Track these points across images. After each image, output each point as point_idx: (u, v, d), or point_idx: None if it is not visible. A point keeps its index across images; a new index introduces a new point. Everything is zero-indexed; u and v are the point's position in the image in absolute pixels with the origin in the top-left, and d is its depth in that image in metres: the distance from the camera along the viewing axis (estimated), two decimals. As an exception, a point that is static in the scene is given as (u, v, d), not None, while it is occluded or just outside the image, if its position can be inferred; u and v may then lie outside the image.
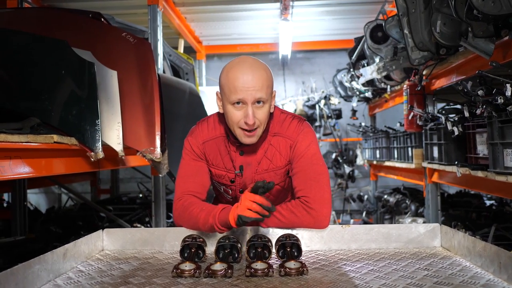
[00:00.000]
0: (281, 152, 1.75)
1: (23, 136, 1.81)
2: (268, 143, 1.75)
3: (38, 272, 1.26)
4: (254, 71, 1.60)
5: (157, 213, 3.80)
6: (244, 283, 1.27)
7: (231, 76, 1.60)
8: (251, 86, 1.58)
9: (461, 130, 2.82)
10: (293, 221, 1.64)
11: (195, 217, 1.62)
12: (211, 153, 1.78)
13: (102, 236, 1.72)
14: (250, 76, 1.58)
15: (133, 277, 1.34)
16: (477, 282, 1.21)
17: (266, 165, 1.76)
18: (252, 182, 1.74)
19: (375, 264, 1.44)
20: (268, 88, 1.63)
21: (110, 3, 4.87)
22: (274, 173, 1.77)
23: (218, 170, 1.80)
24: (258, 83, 1.59)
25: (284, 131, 1.76)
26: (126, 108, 2.63)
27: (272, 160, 1.76)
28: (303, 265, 1.35)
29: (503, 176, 2.32)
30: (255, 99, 1.59)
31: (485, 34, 2.37)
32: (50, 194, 7.57)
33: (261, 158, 1.76)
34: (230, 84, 1.60)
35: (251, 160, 1.76)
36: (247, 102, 1.59)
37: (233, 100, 1.60)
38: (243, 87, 1.57)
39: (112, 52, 2.72)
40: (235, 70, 1.61)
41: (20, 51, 2.42)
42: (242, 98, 1.58)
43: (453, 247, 1.55)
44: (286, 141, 1.75)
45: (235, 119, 1.62)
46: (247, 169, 1.76)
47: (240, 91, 1.58)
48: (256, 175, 1.77)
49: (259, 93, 1.59)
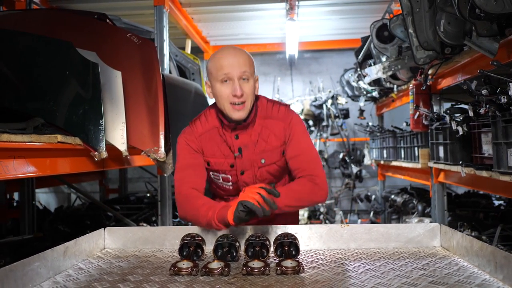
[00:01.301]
0: (275, 133, 1.88)
1: (27, 136, 1.84)
2: (261, 126, 1.88)
3: (38, 269, 1.28)
4: (236, 52, 1.82)
5: (163, 212, 3.82)
6: (240, 281, 1.28)
7: (217, 58, 1.81)
8: (235, 62, 1.77)
9: (465, 129, 2.80)
10: (302, 193, 1.78)
11: (197, 209, 1.70)
12: (208, 144, 1.89)
13: (104, 234, 1.74)
14: (233, 55, 1.80)
15: (132, 274, 1.36)
16: (472, 282, 1.21)
17: (263, 146, 1.88)
18: (252, 162, 1.86)
19: (372, 264, 1.44)
20: (250, 67, 1.81)
21: (117, 4, 4.91)
22: (271, 153, 1.88)
23: (216, 158, 1.89)
24: (241, 60, 1.78)
25: (276, 115, 1.90)
26: (131, 108, 2.66)
27: (268, 141, 1.88)
28: (300, 264, 1.36)
29: (507, 176, 2.30)
30: (241, 74, 1.77)
31: (489, 33, 2.35)
32: (59, 193, 7.66)
33: (257, 139, 1.87)
34: (217, 64, 1.79)
35: (247, 142, 1.87)
36: (233, 77, 1.77)
37: (220, 77, 1.77)
38: (228, 64, 1.77)
39: (117, 53, 2.74)
40: (220, 53, 1.83)
41: (26, 52, 2.45)
42: (228, 73, 1.76)
43: (452, 247, 1.55)
44: (279, 123, 1.88)
45: (224, 95, 1.78)
46: (245, 151, 1.87)
47: (226, 67, 1.76)
48: (255, 155, 1.87)
49: (243, 67, 1.78)
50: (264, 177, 1.90)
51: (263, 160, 1.87)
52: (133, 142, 2.65)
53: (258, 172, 1.89)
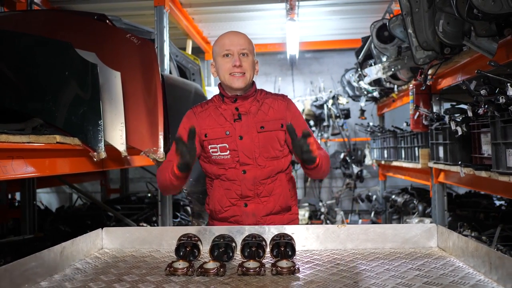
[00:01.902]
0: (274, 108, 2.05)
1: (25, 136, 1.85)
2: (261, 102, 2.06)
3: (34, 269, 1.29)
4: (238, 33, 2.05)
5: (163, 212, 3.83)
6: (235, 282, 1.28)
7: (220, 37, 2.04)
8: (236, 41, 2.00)
9: (465, 130, 2.80)
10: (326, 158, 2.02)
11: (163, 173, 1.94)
12: (204, 118, 2.05)
13: (102, 234, 1.75)
14: (235, 35, 2.03)
15: (128, 274, 1.37)
16: (466, 283, 1.21)
17: (262, 116, 2.02)
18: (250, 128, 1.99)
19: (368, 264, 1.44)
20: (249, 45, 2.02)
21: (118, 4, 4.93)
22: (269, 123, 2.02)
23: (212, 128, 2.02)
24: (241, 40, 2.01)
25: (275, 96, 2.11)
26: (130, 108, 2.67)
27: (267, 113, 2.03)
28: (295, 265, 1.36)
29: (505, 176, 2.30)
30: (240, 49, 1.98)
31: (488, 33, 2.36)
32: (61, 193, 7.68)
33: (257, 111, 2.03)
34: (220, 42, 2.02)
35: (247, 111, 2.02)
36: (234, 52, 1.97)
37: (222, 52, 1.99)
38: (230, 41, 2.00)
39: (116, 53, 2.75)
40: (223, 35, 2.05)
41: (26, 53, 2.47)
42: (230, 49, 1.98)
43: (448, 247, 1.55)
44: (278, 101, 2.08)
45: (225, 67, 1.98)
46: (244, 117, 2.01)
47: (228, 44, 1.99)
48: (254, 122, 2.00)
49: (243, 45, 1.99)
50: (263, 144, 1.99)
51: (262, 127, 2.00)
52: (132, 143, 2.66)
53: (256, 138, 1.99)
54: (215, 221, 2.09)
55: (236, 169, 2.00)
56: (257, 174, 1.99)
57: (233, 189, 2.01)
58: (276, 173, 2.03)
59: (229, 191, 2.02)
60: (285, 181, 2.06)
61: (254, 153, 1.98)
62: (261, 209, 2.01)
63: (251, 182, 1.99)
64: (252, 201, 2.00)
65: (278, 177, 2.03)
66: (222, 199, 2.03)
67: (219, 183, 2.05)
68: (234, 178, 2.00)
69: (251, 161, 1.98)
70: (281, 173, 2.05)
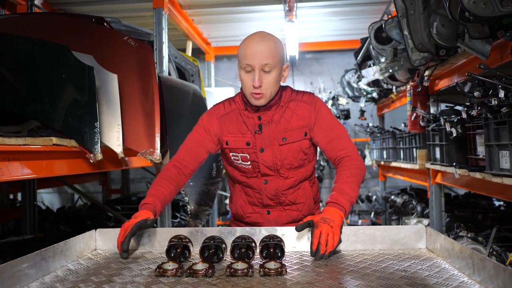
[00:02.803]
0: (298, 114, 1.91)
1: (21, 139, 1.88)
2: (284, 108, 1.92)
3: (26, 270, 1.31)
4: (262, 41, 1.80)
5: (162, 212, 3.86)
6: (222, 283, 1.30)
7: (244, 45, 1.83)
8: (258, 53, 1.77)
9: (460, 131, 2.81)
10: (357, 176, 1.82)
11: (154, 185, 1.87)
12: (227, 123, 1.95)
13: (95, 236, 1.77)
14: (258, 44, 1.79)
15: (118, 276, 1.39)
16: (450, 284, 1.22)
17: (284, 125, 1.91)
18: (272, 140, 1.89)
19: (356, 265, 1.46)
20: (275, 57, 1.79)
21: (118, 6, 4.95)
22: (292, 132, 1.90)
23: (233, 136, 1.94)
24: (265, 51, 1.77)
25: (300, 98, 1.94)
26: (127, 110, 2.69)
27: (290, 121, 1.91)
28: (283, 266, 1.38)
29: (499, 178, 2.31)
30: (262, 65, 1.78)
31: (481, 35, 2.37)
32: (63, 194, 7.73)
33: (279, 119, 1.91)
34: (242, 51, 1.82)
35: (269, 120, 1.90)
36: (255, 67, 1.78)
37: (244, 65, 1.81)
38: (251, 53, 1.78)
39: (113, 56, 2.78)
40: (248, 40, 1.83)
41: (24, 56, 2.49)
42: (250, 64, 1.78)
43: (436, 249, 1.57)
44: (303, 105, 1.92)
45: (245, 83, 1.83)
46: (265, 128, 1.90)
47: (249, 57, 1.78)
48: (276, 133, 1.90)
49: (265, 59, 1.77)
50: (285, 157, 1.90)
51: (284, 138, 1.90)
52: (129, 144, 2.69)
53: (278, 151, 1.89)
54: (239, 222, 2.07)
55: (258, 178, 1.95)
56: (279, 185, 1.94)
57: (255, 197, 1.98)
58: (299, 182, 1.97)
59: (251, 198, 1.99)
60: (309, 189, 2.00)
61: (275, 165, 1.91)
62: (283, 217, 1.97)
63: (273, 193, 1.94)
64: (274, 209, 1.97)
65: (301, 186, 1.98)
66: (245, 205, 2.01)
67: (241, 188, 2.02)
68: (255, 187, 1.96)
69: (272, 172, 1.93)
70: (304, 182, 1.99)
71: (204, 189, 3.42)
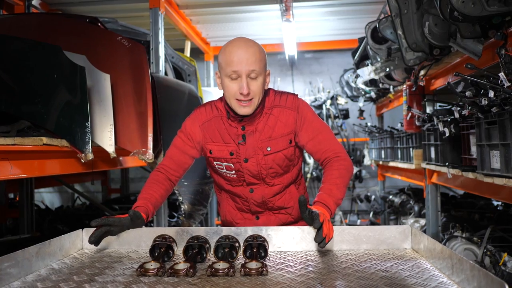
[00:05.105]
0: (282, 120, 1.87)
1: (9, 139, 1.89)
2: (268, 115, 1.88)
3: (7, 269, 1.32)
4: (247, 47, 1.76)
5: (158, 212, 3.87)
6: (202, 283, 1.30)
7: (227, 51, 1.76)
8: (244, 59, 1.72)
9: (453, 131, 2.81)
10: (344, 177, 1.81)
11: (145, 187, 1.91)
12: (209, 131, 1.91)
13: (82, 235, 1.78)
14: (244, 50, 1.74)
15: (100, 275, 1.40)
16: (428, 284, 1.22)
17: (269, 133, 1.87)
18: (256, 150, 1.86)
19: (338, 265, 1.45)
20: (260, 62, 1.76)
21: (115, 6, 4.97)
22: (276, 141, 1.87)
23: (217, 145, 1.90)
24: (251, 57, 1.73)
25: (283, 104, 1.89)
26: (120, 110, 2.70)
27: (274, 128, 1.87)
28: (264, 266, 1.38)
29: (490, 178, 2.31)
30: (249, 71, 1.73)
31: (473, 35, 2.36)
32: (63, 193, 7.76)
33: (263, 127, 1.87)
34: (226, 58, 1.75)
35: (253, 130, 1.87)
36: (242, 74, 1.73)
37: (229, 73, 1.74)
38: (238, 60, 1.72)
39: (106, 56, 2.79)
40: (231, 46, 1.77)
41: (17, 56, 2.50)
42: (237, 70, 1.73)
43: (420, 249, 1.56)
44: (287, 111, 1.88)
45: (231, 91, 1.77)
46: (249, 138, 1.87)
47: (235, 63, 1.73)
48: (260, 143, 1.86)
49: (252, 65, 1.73)
50: (270, 166, 1.88)
51: (269, 148, 1.86)
52: (122, 144, 2.70)
53: (262, 160, 1.87)
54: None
55: (244, 187, 1.94)
56: (265, 193, 1.93)
57: (242, 204, 1.97)
58: (285, 188, 1.95)
59: (238, 205, 1.99)
60: (295, 192, 1.99)
61: (260, 174, 1.90)
62: (273, 221, 1.97)
63: (260, 200, 1.94)
64: (263, 214, 1.97)
65: (287, 190, 1.97)
66: (233, 211, 2.02)
67: (227, 196, 2.02)
68: (241, 195, 1.95)
69: (258, 181, 1.92)
70: (290, 186, 1.98)
71: (198, 189, 3.42)
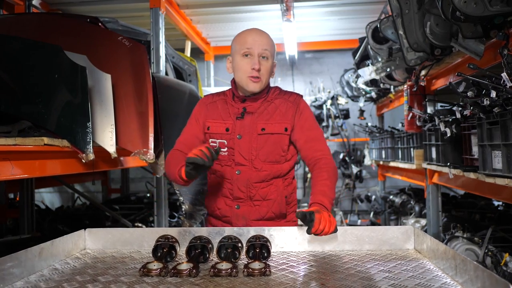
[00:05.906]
0: (281, 110, 2.00)
1: (11, 139, 1.88)
2: (270, 102, 2.02)
3: (10, 269, 1.32)
4: (261, 32, 1.98)
5: (159, 212, 3.87)
6: (205, 283, 1.30)
7: (242, 35, 1.98)
8: (258, 40, 1.93)
9: (454, 131, 2.80)
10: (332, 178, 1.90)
11: (173, 165, 1.92)
12: (211, 109, 2.06)
13: (84, 235, 1.78)
14: (258, 33, 1.97)
15: (103, 275, 1.39)
16: (432, 285, 1.22)
17: (266, 117, 1.99)
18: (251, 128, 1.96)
19: (341, 266, 1.45)
20: (271, 47, 1.97)
21: (116, 6, 4.96)
22: (272, 125, 1.97)
23: (215, 121, 2.03)
24: (264, 40, 1.94)
25: (286, 98, 2.04)
26: (121, 110, 2.70)
27: (273, 115, 1.99)
28: (267, 266, 1.38)
29: (491, 178, 2.30)
30: (261, 51, 1.92)
31: (474, 35, 2.36)
32: (64, 193, 7.75)
33: (263, 111, 2.00)
34: (241, 39, 1.96)
35: (252, 110, 2.00)
36: (254, 52, 1.92)
37: (242, 50, 1.93)
38: (252, 40, 1.93)
39: (107, 56, 2.78)
40: (246, 31, 1.99)
41: (18, 56, 2.50)
42: (251, 49, 1.92)
43: (423, 250, 1.56)
44: (288, 104, 2.01)
45: (243, 68, 1.94)
46: (248, 116, 1.99)
47: (249, 43, 1.92)
48: (256, 122, 1.97)
49: (265, 46, 1.93)
50: (261, 146, 1.96)
51: (263, 129, 1.96)
52: (123, 144, 2.69)
53: (255, 140, 1.96)
54: (211, 218, 2.10)
55: (231, 167, 1.98)
56: (251, 177, 1.95)
57: (226, 187, 2.00)
58: (272, 178, 1.98)
59: (223, 189, 2.01)
60: (282, 187, 2.00)
61: (250, 154, 1.95)
62: (252, 213, 1.98)
63: (244, 184, 1.96)
64: (244, 203, 1.98)
65: (273, 182, 1.98)
66: (217, 198, 2.04)
67: (215, 179, 2.05)
68: (228, 177, 1.99)
69: (246, 162, 1.95)
70: (277, 178, 1.99)
71: (199, 189, 3.42)
